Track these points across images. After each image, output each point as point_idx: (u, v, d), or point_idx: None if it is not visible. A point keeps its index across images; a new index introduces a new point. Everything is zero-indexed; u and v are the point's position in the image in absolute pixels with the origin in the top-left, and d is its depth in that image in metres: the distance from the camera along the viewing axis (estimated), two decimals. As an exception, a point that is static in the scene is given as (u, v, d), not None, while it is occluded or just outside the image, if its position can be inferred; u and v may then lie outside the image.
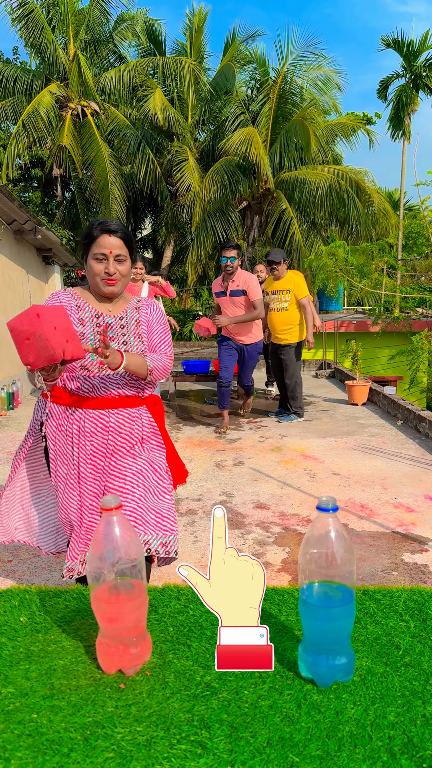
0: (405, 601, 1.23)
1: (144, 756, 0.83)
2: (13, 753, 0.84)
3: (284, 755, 0.82)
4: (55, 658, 1.07)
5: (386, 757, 0.82)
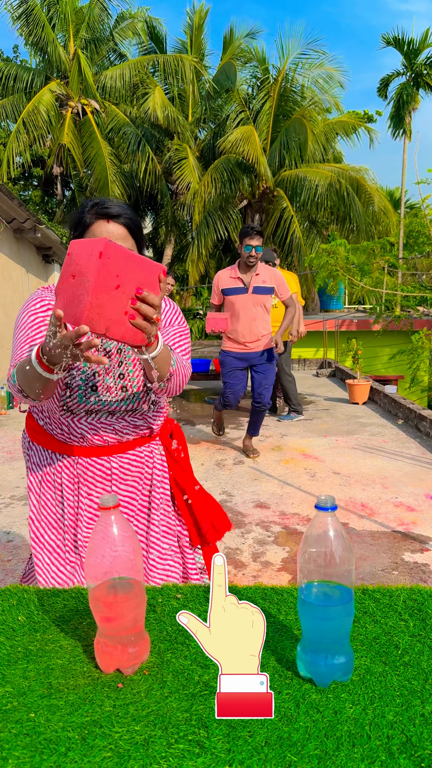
0: (404, 600, 1.22)
1: (142, 755, 0.82)
2: (10, 752, 0.84)
3: (282, 754, 0.82)
4: (53, 658, 1.07)
5: (385, 756, 0.82)
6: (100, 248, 1.07)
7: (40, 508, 1.64)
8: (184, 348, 1.68)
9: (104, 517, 1.01)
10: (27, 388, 1.35)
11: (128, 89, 16.23)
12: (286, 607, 1.21)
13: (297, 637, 1.10)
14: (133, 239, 1.49)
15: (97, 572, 1.01)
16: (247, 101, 15.92)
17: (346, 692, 0.95)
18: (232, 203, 15.56)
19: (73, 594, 1.29)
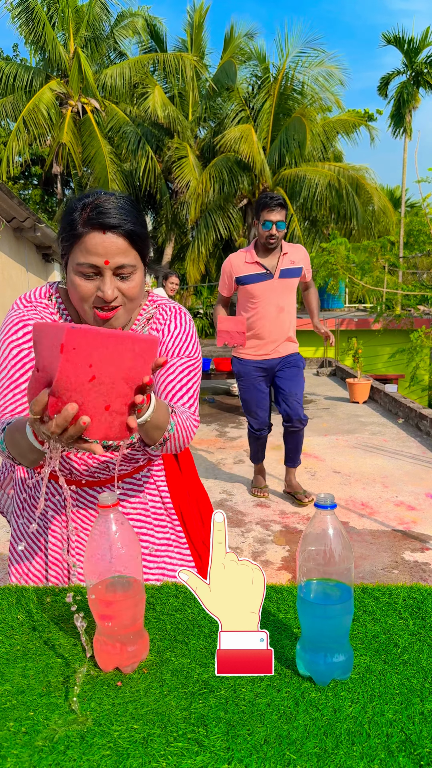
0: (404, 598, 1.22)
1: (141, 753, 0.82)
2: (9, 751, 0.84)
3: (281, 753, 0.82)
4: (52, 656, 1.07)
5: (384, 754, 0.81)
6: (61, 340, 0.85)
7: (18, 532, 1.50)
8: (191, 395, 1.36)
9: (103, 516, 1.01)
10: (20, 457, 1.16)
11: (128, 88, 16.22)
12: (286, 606, 1.21)
13: (296, 635, 1.10)
14: (135, 250, 1.22)
15: (96, 570, 1.01)
16: (247, 100, 15.92)
17: (345, 691, 0.95)
18: (231, 202, 15.56)
19: (72, 592, 1.29)
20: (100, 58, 16.77)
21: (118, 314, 1.23)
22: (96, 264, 1.17)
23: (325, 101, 16.16)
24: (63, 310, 1.33)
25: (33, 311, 1.31)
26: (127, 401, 0.94)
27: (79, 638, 1.10)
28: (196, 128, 17.40)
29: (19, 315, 1.31)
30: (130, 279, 1.21)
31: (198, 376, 1.38)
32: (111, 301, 1.20)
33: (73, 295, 1.22)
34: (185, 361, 1.35)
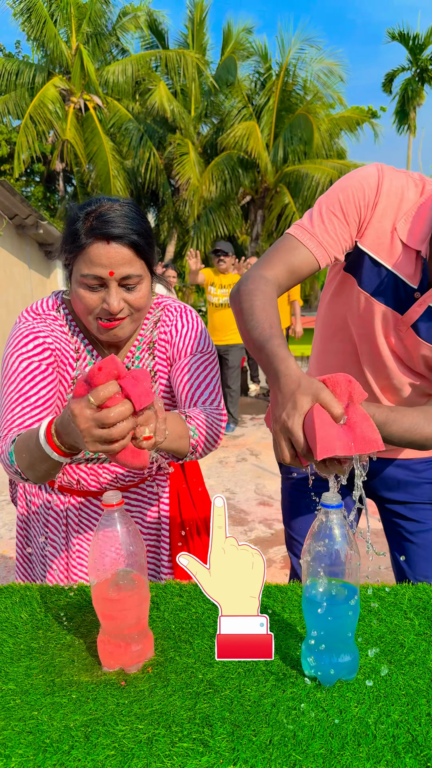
0: (410, 598, 1.22)
1: (145, 754, 0.82)
2: (13, 750, 0.83)
3: (287, 753, 0.81)
4: (56, 655, 1.06)
5: (390, 755, 0.81)
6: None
7: (24, 541, 1.51)
8: (212, 389, 1.30)
9: (108, 515, 1.00)
10: (28, 471, 1.14)
11: (130, 85, 16.19)
12: (291, 606, 1.20)
13: (301, 635, 1.10)
14: (142, 260, 1.19)
15: (100, 569, 1.01)
16: (249, 97, 15.89)
17: (351, 691, 0.94)
18: (233, 199, 15.54)
19: (76, 591, 1.29)
20: (102, 55, 16.73)
21: (123, 324, 1.21)
22: (100, 275, 1.15)
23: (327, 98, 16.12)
24: (71, 321, 1.32)
25: (42, 323, 1.30)
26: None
27: (84, 637, 1.10)
28: (198, 125, 17.37)
29: (29, 327, 1.28)
30: (137, 289, 1.19)
31: (216, 370, 1.35)
32: (116, 314, 1.18)
33: (77, 306, 1.21)
34: (199, 356, 1.32)
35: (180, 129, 16.19)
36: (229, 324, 5.87)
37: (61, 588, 1.31)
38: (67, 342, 1.29)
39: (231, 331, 5.89)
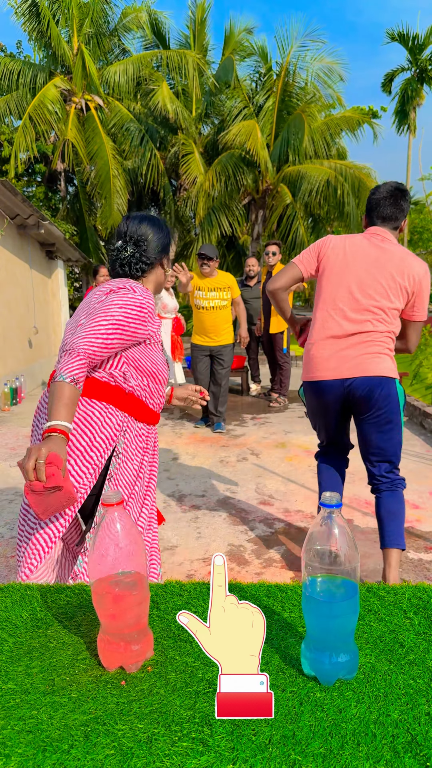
0: (409, 598, 1.22)
1: (145, 753, 0.82)
2: (13, 749, 0.83)
3: (286, 753, 0.81)
4: (56, 655, 1.06)
5: (390, 755, 0.81)
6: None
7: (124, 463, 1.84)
8: (85, 324, 1.69)
9: (108, 513, 1.00)
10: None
11: (131, 85, 16.19)
12: (290, 605, 1.20)
13: (301, 634, 1.10)
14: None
15: (101, 567, 1.01)
16: (250, 97, 15.89)
17: (350, 691, 0.94)
18: (235, 199, 15.54)
19: (76, 590, 1.29)
20: (103, 55, 16.72)
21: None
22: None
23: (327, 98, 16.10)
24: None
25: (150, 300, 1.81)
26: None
27: (83, 636, 1.10)
28: (200, 125, 17.37)
29: (145, 301, 1.77)
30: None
31: (100, 309, 1.71)
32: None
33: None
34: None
35: (182, 129, 16.18)
36: (221, 325, 5.91)
37: (61, 587, 1.31)
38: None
39: (223, 331, 5.95)
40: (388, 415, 2.57)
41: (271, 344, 7.36)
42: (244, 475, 4.57)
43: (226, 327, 5.98)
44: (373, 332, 2.55)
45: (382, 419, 2.57)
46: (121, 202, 15.28)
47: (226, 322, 5.97)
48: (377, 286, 2.54)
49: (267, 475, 4.58)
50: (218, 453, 5.22)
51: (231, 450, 5.31)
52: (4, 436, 5.97)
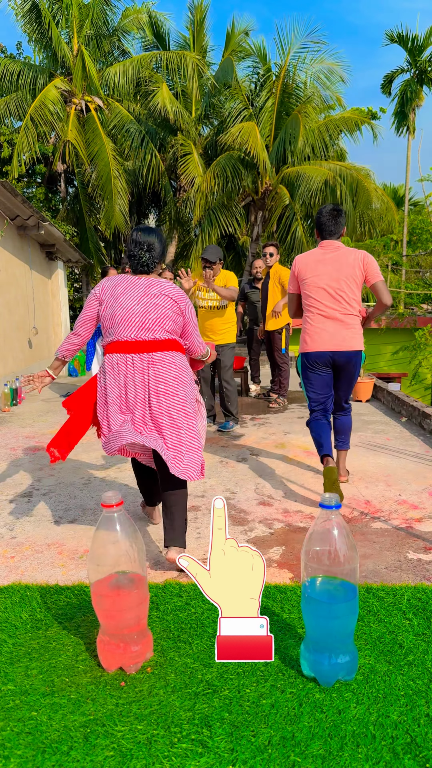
0: (409, 599, 1.22)
1: (144, 755, 0.82)
2: (12, 751, 0.83)
3: (286, 754, 0.81)
4: (55, 656, 1.06)
5: (389, 756, 0.81)
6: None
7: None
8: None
9: (107, 515, 1.00)
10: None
11: (131, 86, 16.18)
12: (290, 606, 1.20)
13: (300, 635, 1.09)
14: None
15: (100, 569, 1.01)
16: (249, 98, 15.88)
17: (350, 692, 0.94)
18: (235, 200, 15.53)
19: (75, 591, 1.29)
20: (102, 57, 16.72)
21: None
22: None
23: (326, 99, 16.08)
24: None
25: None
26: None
27: (83, 637, 1.10)
28: (199, 126, 17.36)
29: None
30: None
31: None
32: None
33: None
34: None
35: (181, 130, 16.18)
36: (220, 325, 5.98)
37: (61, 588, 1.31)
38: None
39: (222, 331, 6.00)
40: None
41: (271, 344, 7.43)
42: (244, 476, 4.57)
43: (226, 327, 5.99)
44: (348, 315, 3.87)
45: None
46: (123, 203, 15.28)
47: (226, 322, 5.98)
48: (341, 283, 3.83)
49: (266, 475, 4.58)
50: (218, 453, 5.21)
51: (230, 450, 5.31)
52: (4, 437, 5.97)
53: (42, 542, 3.35)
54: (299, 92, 15.55)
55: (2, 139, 14.59)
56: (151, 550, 3.13)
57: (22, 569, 3.03)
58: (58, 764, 0.79)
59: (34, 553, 3.24)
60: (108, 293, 2.89)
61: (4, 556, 3.23)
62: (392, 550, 3.25)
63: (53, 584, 1.26)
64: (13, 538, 3.45)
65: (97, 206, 16.76)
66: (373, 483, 4.37)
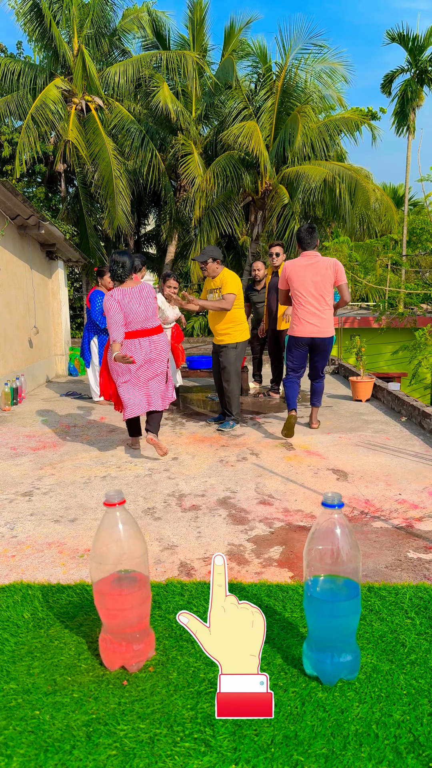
0: (410, 598, 1.22)
1: (147, 754, 0.82)
2: (14, 750, 0.83)
3: (289, 753, 0.81)
4: (57, 655, 1.06)
5: (392, 756, 0.81)
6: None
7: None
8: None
9: (109, 513, 1.00)
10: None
11: (131, 86, 16.17)
12: (292, 605, 1.20)
13: (303, 634, 1.09)
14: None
15: (103, 568, 1.01)
16: (249, 97, 15.86)
17: (352, 691, 0.94)
18: (234, 200, 15.52)
19: (77, 590, 1.29)
20: (102, 57, 16.71)
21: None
22: None
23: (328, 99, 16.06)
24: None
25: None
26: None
27: (85, 636, 1.10)
28: (199, 126, 17.35)
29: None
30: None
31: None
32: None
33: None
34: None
35: (182, 130, 16.17)
36: (221, 325, 5.96)
37: (62, 587, 1.31)
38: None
39: (222, 331, 5.97)
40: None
41: (277, 342, 7.49)
42: (244, 475, 4.57)
43: (226, 327, 5.96)
44: (326, 309, 5.42)
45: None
46: (125, 202, 15.26)
47: (227, 322, 5.95)
48: (319, 285, 5.35)
49: (267, 474, 4.58)
50: (218, 453, 5.21)
51: (231, 450, 5.31)
52: (5, 436, 5.97)
53: (43, 541, 3.35)
54: (300, 92, 15.52)
55: (3, 139, 14.58)
56: (152, 549, 3.13)
57: (23, 568, 3.03)
58: (60, 763, 0.79)
59: (34, 552, 3.24)
60: (123, 302, 4.66)
61: (4, 555, 3.23)
62: (392, 549, 3.25)
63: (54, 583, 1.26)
64: (14, 537, 3.45)
65: (97, 206, 16.73)
66: (373, 482, 4.37)
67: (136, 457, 5.10)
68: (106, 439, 5.75)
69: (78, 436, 5.93)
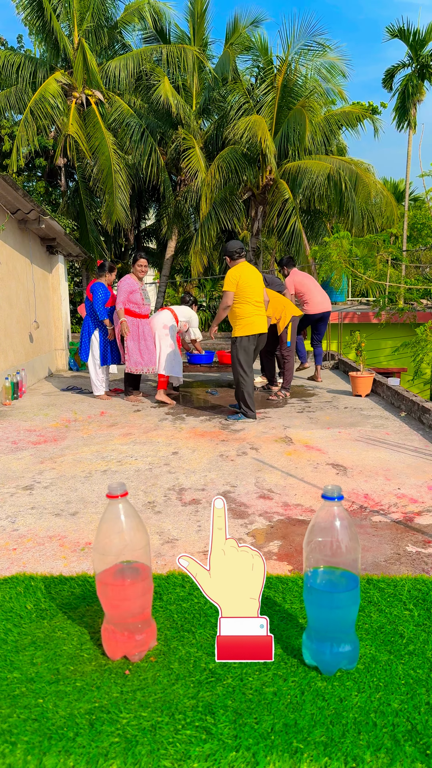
0: (409, 590, 1.23)
1: (149, 741, 0.83)
2: (19, 737, 0.84)
3: (288, 741, 0.83)
4: (60, 645, 1.08)
5: (390, 743, 0.82)
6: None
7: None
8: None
9: (112, 505, 1.01)
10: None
11: (132, 79, 16.12)
12: (291, 596, 1.21)
13: (302, 625, 1.11)
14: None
15: (105, 559, 1.02)
16: (250, 91, 15.81)
17: (351, 680, 0.96)
18: (236, 195, 15.49)
19: (79, 581, 1.30)
20: (102, 50, 16.64)
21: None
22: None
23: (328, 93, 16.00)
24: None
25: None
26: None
27: (88, 627, 1.12)
28: (200, 120, 17.29)
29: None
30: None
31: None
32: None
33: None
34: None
35: (182, 124, 16.11)
36: (230, 321, 6.22)
37: (65, 578, 1.32)
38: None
39: (232, 326, 6.18)
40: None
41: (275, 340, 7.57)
42: (244, 470, 4.58)
43: (231, 322, 6.20)
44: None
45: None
46: (124, 197, 15.23)
47: (231, 317, 6.20)
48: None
49: (266, 469, 4.60)
50: (218, 447, 5.23)
51: (231, 444, 5.33)
52: (6, 430, 5.98)
53: (44, 534, 3.37)
54: (300, 87, 15.47)
55: (3, 133, 14.54)
56: (153, 543, 3.15)
57: (24, 561, 3.04)
58: (64, 750, 0.80)
59: (35, 546, 3.26)
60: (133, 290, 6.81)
61: (6, 548, 3.24)
62: (392, 543, 3.27)
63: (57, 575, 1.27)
64: (15, 531, 3.47)
65: (97, 200, 16.70)
66: (372, 477, 4.39)
67: (137, 452, 5.12)
68: (106, 434, 5.76)
69: (78, 430, 5.94)
